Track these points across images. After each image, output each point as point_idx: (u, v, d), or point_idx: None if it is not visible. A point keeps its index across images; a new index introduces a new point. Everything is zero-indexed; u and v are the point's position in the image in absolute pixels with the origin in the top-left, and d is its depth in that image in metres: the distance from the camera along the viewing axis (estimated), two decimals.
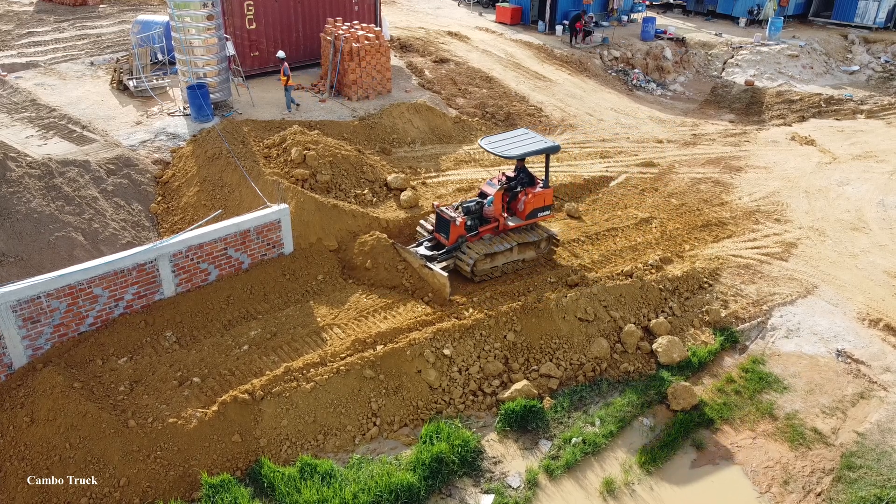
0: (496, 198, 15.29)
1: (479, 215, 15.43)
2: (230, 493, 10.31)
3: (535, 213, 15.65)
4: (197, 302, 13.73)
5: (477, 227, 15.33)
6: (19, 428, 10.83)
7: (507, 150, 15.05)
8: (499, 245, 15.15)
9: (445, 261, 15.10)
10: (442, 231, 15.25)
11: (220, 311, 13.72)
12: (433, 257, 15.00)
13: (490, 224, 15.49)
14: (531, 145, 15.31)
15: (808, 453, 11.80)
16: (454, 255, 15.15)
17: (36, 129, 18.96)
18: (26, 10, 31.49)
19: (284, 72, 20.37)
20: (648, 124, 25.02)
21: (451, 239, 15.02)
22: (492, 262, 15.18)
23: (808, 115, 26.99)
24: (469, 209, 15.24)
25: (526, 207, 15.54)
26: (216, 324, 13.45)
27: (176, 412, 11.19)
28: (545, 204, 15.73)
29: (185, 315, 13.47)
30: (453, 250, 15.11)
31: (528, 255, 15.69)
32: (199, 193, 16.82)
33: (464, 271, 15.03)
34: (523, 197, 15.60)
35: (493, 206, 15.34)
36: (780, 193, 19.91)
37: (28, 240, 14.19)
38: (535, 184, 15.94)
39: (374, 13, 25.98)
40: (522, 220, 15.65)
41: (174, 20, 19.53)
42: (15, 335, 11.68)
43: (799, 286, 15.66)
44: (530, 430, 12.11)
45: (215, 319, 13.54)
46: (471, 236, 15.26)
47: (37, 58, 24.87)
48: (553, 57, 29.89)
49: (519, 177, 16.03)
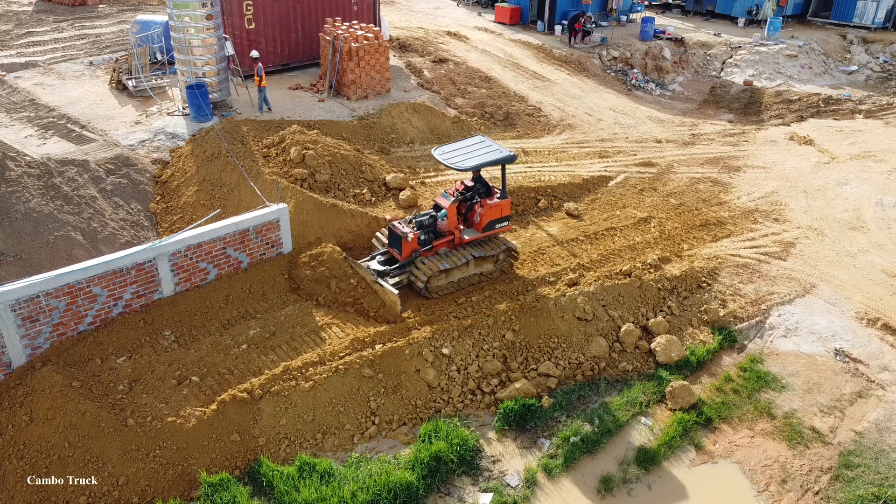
0: (450, 211, 14.60)
1: (433, 229, 14.77)
2: (229, 492, 10.33)
3: (492, 225, 15.00)
4: (196, 301, 13.74)
5: (431, 241, 14.68)
6: (18, 427, 10.84)
7: (461, 161, 14.28)
8: (454, 260, 14.51)
9: (398, 276, 14.51)
10: (395, 246, 14.62)
11: (219, 311, 13.73)
12: (385, 272, 14.41)
13: (445, 238, 14.80)
14: (486, 155, 14.56)
15: (807, 452, 11.83)
16: (408, 270, 14.56)
17: (35, 128, 18.97)
18: (25, 10, 31.49)
19: (258, 72, 20.03)
20: (647, 124, 25.04)
21: (405, 254, 14.43)
22: (447, 278, 14.62)
23: (806, 115, 27.01)
24: (422, 223, 14.54)
25: (482, 219, 14.87)
26: (215, 323, 13.46)
27: (175, 411, 11.20)
28: (503, 215, 15.06)
29: (184, 314, 13.48)
30: (406, 265, 14.53)
31: (485, 268, 15.12)
32: (198, 193, 16.83)
33: (417, 288, 14.46)
34: (479, 209, 14.93)
35: (448, 220, 14.65)
36: (779, 193, 19.93)
37: (27, 239, 14.19)
38: (492, 194, 15.26)
39: (373, 13, 25.99)
40: (479, 232, 14.98)
41: (173, 20, 19.54)
42: (14, 334, 11.69)
43: (797, 285, 15.68)
44: (529, 428, 12.13)
45: (214, 319, 13.55)
46: (425, 251, 14.61)
47: (36, 57, 24.87)
48: (552, 57, 29.91)
49: (476, 187, 15.36)
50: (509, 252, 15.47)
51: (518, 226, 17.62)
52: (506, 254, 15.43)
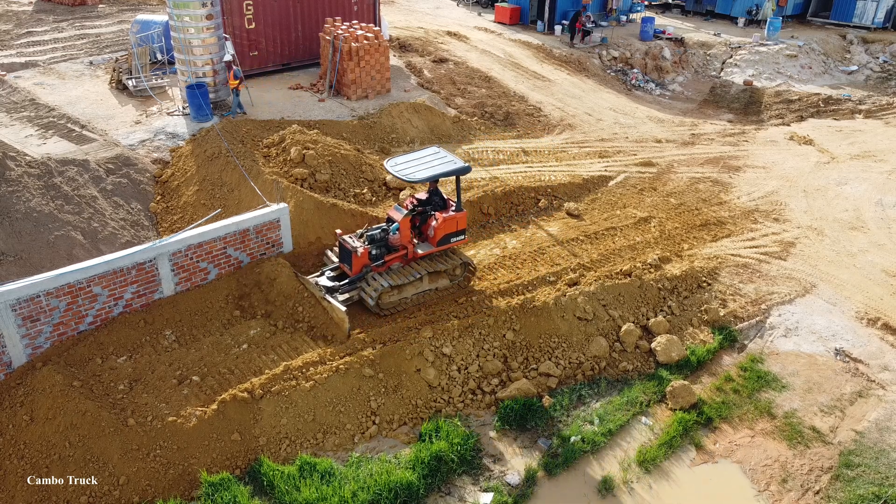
0: (402, 224, 14.11)
1: (385, 243, 14.28)
2: (229, 492, 10.32)
3: (447, 239, 14.49)
4: (196, 301, 13.74)
5: (383, 255, 14.20)
6: (19, 427, 10.84)
7: (413, 173, 13.74)
8: (407, 275, 14.08)
9: (349, 292, 14.03)
10: (345, 261, 14.14)
11: (220, 310, 13.73)
12: (335, 289, 13.91)
13: (398, 252, 14.33)
14: (439, 167, 14.02)
15: (807, 452, 11.83)
16: (358, 286, 14.08)
17: (35, 128, 18.96)
18: (25, 10, 31.48)
19: (236, 74, 19.58)
20: (647, 124, 25.05)
21: (355, 269, 13.93)
22: (399, 294, 14.16)
23: (806, 115, 27.02)
24: (373, 237, 14.07)
25: (436, 233, 14.34)
26: (215, 322, 13.46)
27: (175, 411, 11.20)
28: (458, 228, 14.55)
29: (185, 314, 13.48)
30: (357, 281, 14.04)
31: (440, 283, 14.67)
32: (198, 193, 16.83)
33: (368, 305, 13.91)
34: (434, 222, 14.41)
35: (400, 234, 14.17)
36: (779, 193, 19.94)
37: (27, 239, 14.19)
38: (447, 207, 14.79)
39: (373, 13, 26.00)
40: (434, 246, 14.46)
41: (173, 20, 19.54)
42: (14, 334, 11.69)
43: (797, 285, 15.69)
44: (529, 428, 12.13)
45: (215, 318, 13.55)
46: (376, 266, 14.11)
47: (36, 57, 24.87)
48: (552, 56, 29.92)
49: (431, 200, 14.89)
50: (466, 267, 14.92)
51: (518, 226, 17.63)
52: (462, 269, 14.90)
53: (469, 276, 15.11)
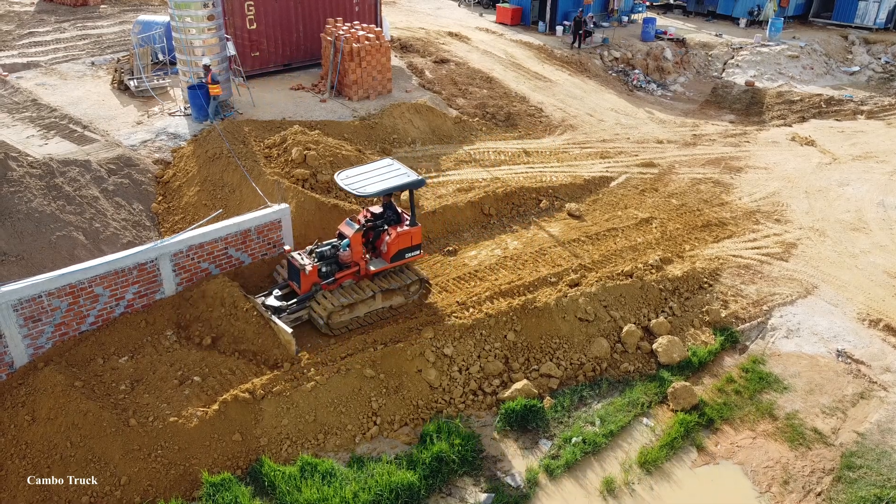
0: (353, 240, 13.58)
1: (336, 260, 13.72)
2: (231, 492, 10.33)
3: (401, 255, 13.99)
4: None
5: (334, 273, 13.63)
6: (20, 427, 10.85)
7: (364, 187, 13.19)
8: (359, 294, 13.58)
9: (297, 312, 13.45)
10: (294, 279, 13.59)
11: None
12: (282, 308, 13.34)
13: (350, 269, 13.79)
14: (392, 180, 13.52)
15: (808, 453, 11.82)
16: (308, 305, 13.51)
17: (37, 128, 18.98)
18: (27, 10, 31.51)
19: (213, 78, 19.15)
20: (649, 125, 25.04)
21: (304, 288, 13.38)
22: (351, 313, 13.61)
23: (808, 116, 27.00)
24: (323, 254, 13.53)
25: (390, 248, 13.84)
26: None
27: (177, 411, 11.20)
28: (413, 244, 14.06)
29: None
30: (306, 300, 13.49)
31: (395, 301, 14.15)
32: (199, 193, 16.84)
33: (318, 325, 13.40)
34: (387, 237, 13.92)
35: (351, 250, 13.61)
36: (781, 194, 19.92)
37: (29, 239, 14.20)
38: (402, 221, 14.30)
39: (374, 13, 26.00)
40: (387, 262, 13.98)
41: (175, 20, 19.55)
42: (16, 334, 11.69)
43: (799, 286, 15.67)
44: (530, 429, 12.13)
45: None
46: (327, 284, 13.54)
47: (38, 58, 24.89)
48: (553, 57, 29.91)
49: (385, 214, 14.38)
50: (422, 284, 14.54)
51: (520, 226, 17.62)
52: (418, 285, 14.47)
53: (425, 294, 14.58)
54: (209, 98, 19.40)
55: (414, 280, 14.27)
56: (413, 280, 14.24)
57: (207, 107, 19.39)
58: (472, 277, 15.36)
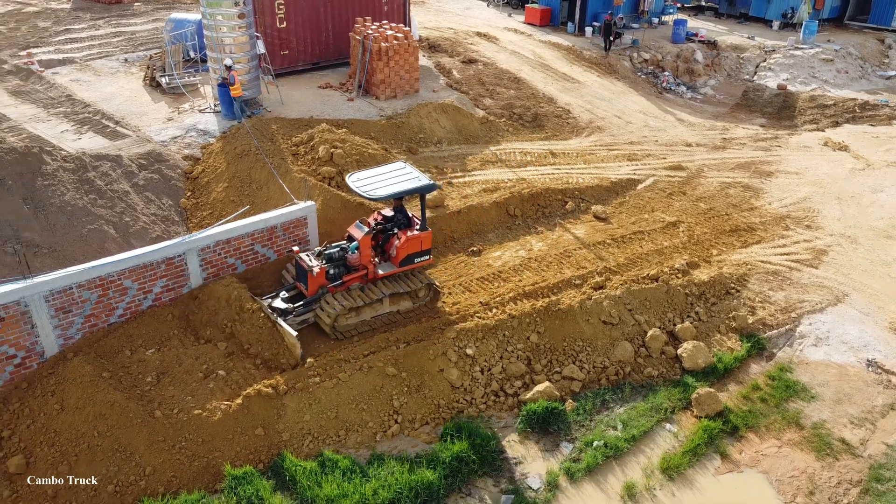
0: (362, 243, 13.47)
1: (344, 263, 13.62)
2: (252, 486, 10.43)
3: (410, 259, 13.86)
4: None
5: (342, 275, 13.51)
6: (49, 415, 11.07)
7: (375, 190, 13.07)
8: (366, 297, 13.44)
9: (304, 314, 13.33)
10: (301, 280, 13.49)
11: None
12: (288, 310, 13.23)
13: (358, 272, 13.66)
14: (403, 184, 13.38)
15: (836, 464, 11.60)
16: (314, 307, 13.40)
17: (71, 123, 19.35)
18: (64, 8, 32.14)
19: (231, 80, 19.02)
20: (677, 127, 24.77)
21: (311, 290, 13.27)
22: (358, 317, 13.53)
23: (841, 121, 26.49)
24: (331, 256, 13.45)
25: (399, 253, 13.72)
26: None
27: (201, 404, 11.35)
28: (422, 248, 13.93)
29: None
30: (313, 302, 13.37)
31: (402, 305, 14.01)
32: (227, 189, 17.02)
33: (324, 328, 13.28)
34: (396, 241, 13.81)
35: (360, 253, 13.52)
36: (812, 199, 19.58)
37: (61, 232, 14.48)
38: (412, 225, 14.21)
39: (403, 13, 26.07)
40: (396, 266, 13.86)
41: (206, 18, 19.79)
42: (47, 324, 11.93)
43: (829, 294, 15.39)
44: (552, 431, 12.07)
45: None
46: (334, 286, 13.43)
47: (73, 54, 25.38)
48: (582, 58, 29.72)
49: (396, 217, 14.32)
50: (430, 288, 14.36)
51: (545, 228, 17.54)
52: (426, 290, 14.30)
53: (434, 299, 14.41)
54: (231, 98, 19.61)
55: (422, 285, 14.12)
56: (422, 285, 14.10)
57: (232, 106, 19.60)
58: (496, 278, 15.32)
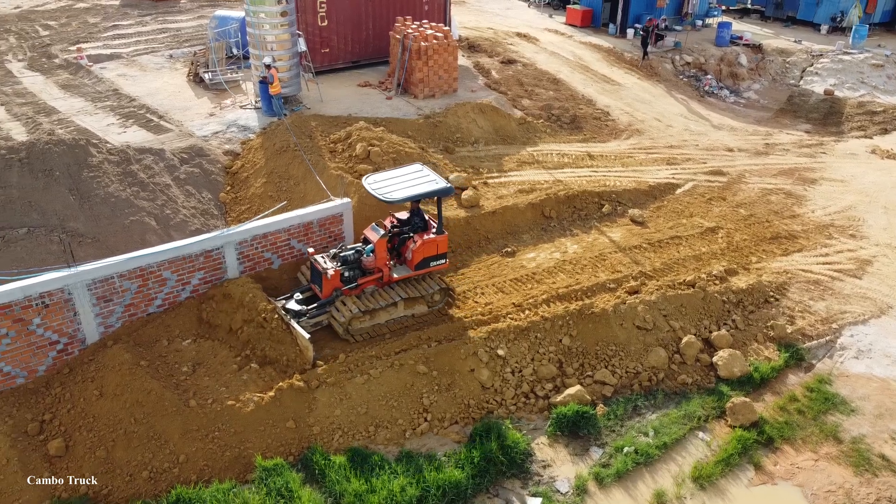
0: (378, 246, 13.36)
1: (359, 265, 13.47)
2: (282, 477, 10.55)
3: (426, 263, 13.70)
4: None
5: (356, 278, 13.38)
6: (89, 400, 11.37)
7: (391, 192, 12.97)
8: (380, 300, 13.36)
9: (318, 316, 13.22)
10: (316, 282, 13.38)
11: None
12: (302, 312, 13.08)
13: (373, 275, 13.55)
14: (420, 187, 13.20)
15: (874, 480, 11.27)
16: (328, 310, 13.31)
17: (117, 117, 19.85)
18: (112, 4, 33.00)
19: (269, 78, 19.24)
20: (719, 132, 24.34)
21: (325, 292, 13.16)
22: (372, 320, 13.39)
23: (890, 128, 25.72)
24: (346, 259, 13.31)
25: (414, 256, 13.55)
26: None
27: (234, 395, 11.52)
28: (438, 252, 13.75)
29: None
30: (327, 304, 13.27)
31: (417, 309, 13.84)
32: (265, 185, 17.26)
33: (338, 330, 13.17)
34: (412, 244, 13.63)
35: (375, 256, 13.38)
36: (857, 208, 19.07)
37: (105, 222, 14.85)
38: (428, 229, 13.98)
39: (443, 13, 26.12)
40: (411, 270, 13.69)
41: (250, 16, 20.12)
42: (89, 312, 12.25)
43: (872, 305, 14.96)
44: (581, 436, 11.97)
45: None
46: (348, 289, 13.32)
47: (120, 49, 26.03)
48: (622, 60, 29.40)
49: (412, 220, 14.13)
50: (445, 293, 14.21)
51: (580, 230, 17.39)
52: (441, 295, 14.15)
53: (449, 303, 14.27)
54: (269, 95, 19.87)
55: (437, 289, 14.00)
56: (437, 289, 13.98)
57: (270, 103, 19.86)
58: (530, 279, 15.25)
